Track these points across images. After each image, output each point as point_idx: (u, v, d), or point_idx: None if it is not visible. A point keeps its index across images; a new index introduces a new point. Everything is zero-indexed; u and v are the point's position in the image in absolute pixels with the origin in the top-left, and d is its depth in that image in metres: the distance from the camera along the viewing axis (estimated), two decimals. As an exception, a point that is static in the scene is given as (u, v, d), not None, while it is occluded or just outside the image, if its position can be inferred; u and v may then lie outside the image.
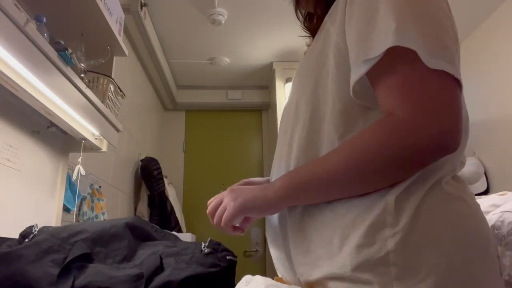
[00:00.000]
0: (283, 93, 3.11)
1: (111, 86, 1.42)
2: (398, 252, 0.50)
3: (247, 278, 0.72)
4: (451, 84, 0.51)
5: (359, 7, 0.57)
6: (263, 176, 3.51)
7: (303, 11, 0.87)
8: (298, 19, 0.89)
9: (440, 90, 0.50)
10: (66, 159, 1.46)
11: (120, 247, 0.94)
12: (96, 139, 1.42)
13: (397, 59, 0.52)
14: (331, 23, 0.65)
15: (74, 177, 1.42)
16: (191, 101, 3.62)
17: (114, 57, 1.54)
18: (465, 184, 0.60)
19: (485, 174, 2.48)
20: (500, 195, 1.28)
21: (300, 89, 0.69)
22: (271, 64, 3.21)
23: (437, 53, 0.50)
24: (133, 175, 2.64)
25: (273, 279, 0.71)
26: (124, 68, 2.38)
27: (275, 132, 3.09)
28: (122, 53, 1.55)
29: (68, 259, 0.87)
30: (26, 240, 0.93)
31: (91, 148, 1.46)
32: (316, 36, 0.71)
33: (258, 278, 0.69)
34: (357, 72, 0.54)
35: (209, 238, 0.96)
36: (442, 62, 0.50)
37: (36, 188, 1.27)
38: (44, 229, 0.96)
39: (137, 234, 1.00)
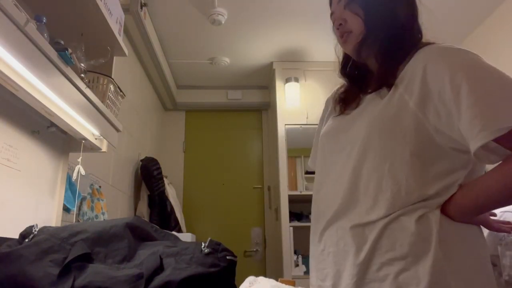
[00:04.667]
0: (283, 93, 3.11)
1: (111, 86, 1.42)
2: None
3: (250, 279, 0.72)
4: None
5: (469, 82, 0.66)
6: (262, 175, 3.52)
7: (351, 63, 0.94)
8: (341, 66, 0.97)
9: None
10: (66, 159, 1.46)
11: (120, 247, 0.94)
12: (96, 139, 1.42)
13: None
14: (405, 91, 0.73)
15: (74, 177, 1.42)
16: (191, 101, 3.62)
17: (114, 57, 1.54)
18: None
19: (485, 174, 2.47)
20: (500, 195, 1.28)
21: (370, 141, 0.76)
22: (271, 64, 3.21)
23: None
24: (133, 175, 2.64)
25: (275, 280, 0.71)
26: (124, 68, 2.38)
27: (275, 132, 3.09)
28: (122, 53, 1.54)
29: (68, 259, 0.87)
30: (26, 240, 0.93)
31: (91, 148, 1.46)
32: (388, 97, 0.77)
33: (262, 279, 0.69)
34: (490, 135, 0.62)
35: (209, 238, 0.96)
36: None
37: (36, 188, 1.27)
38: (44, 229, 0.96)
39: (137, 234, 1.00)
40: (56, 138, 1.39)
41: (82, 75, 1.19)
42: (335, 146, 0.86)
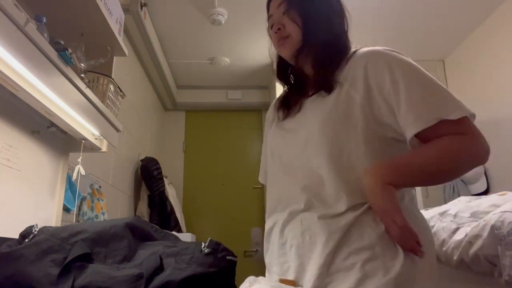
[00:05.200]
0: (283, 93, 3.11)
1: (111, 86, 1.42)
2: None
3: (250, 279, 0.72)
4: None
5: (404, 79, 0.75)
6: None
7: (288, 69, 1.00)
8: (278, 70, 1.04)
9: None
10: (66, 159, 1.46)
11: (120, 247, 0.94)
12: (96, 139, 1.42)
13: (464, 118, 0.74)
14: (351, 88, 0.79)
15: (74, 177, 1.42)
16: (191, 101, 3.62)
17: (114, 57, 1.54)
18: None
19: (485, 174, 2.48)
20: (500, 195, 1.28)
21: (325, 137, 0.79)
22: (271, 64, 3.20)
23: None
24: (133, 175, 2.64)
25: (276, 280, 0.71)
26: (124, 68, 2.38)
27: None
28: (122, 53, 1.55)
29: (68, 259, 0.87)
30: (26, 240, 0.93)
31: (91, 148, 1.46)
32: (334, 95, 0.81)
33: (262, 279, 0.69)
34: (423, 124, 0.72)
35: (209, 238, 0.96)
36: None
37: (36, 188, 1.27)
38: (44, 229, 0.96)
39: (137, 234, 1.00)
40: (56, 138, 1.39)
41: (82, 75, 1.19)
42: (286, 148, 0.88)
